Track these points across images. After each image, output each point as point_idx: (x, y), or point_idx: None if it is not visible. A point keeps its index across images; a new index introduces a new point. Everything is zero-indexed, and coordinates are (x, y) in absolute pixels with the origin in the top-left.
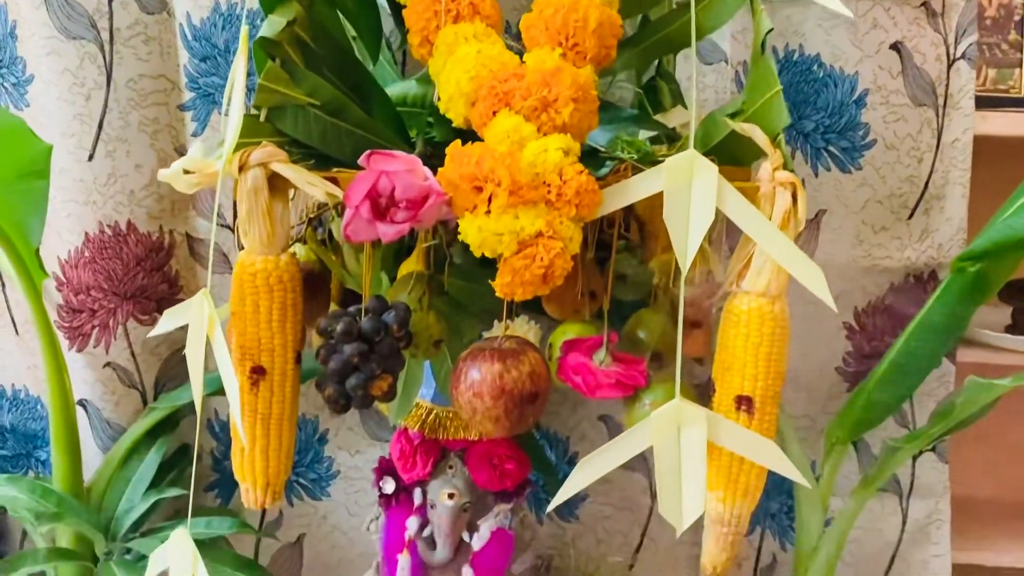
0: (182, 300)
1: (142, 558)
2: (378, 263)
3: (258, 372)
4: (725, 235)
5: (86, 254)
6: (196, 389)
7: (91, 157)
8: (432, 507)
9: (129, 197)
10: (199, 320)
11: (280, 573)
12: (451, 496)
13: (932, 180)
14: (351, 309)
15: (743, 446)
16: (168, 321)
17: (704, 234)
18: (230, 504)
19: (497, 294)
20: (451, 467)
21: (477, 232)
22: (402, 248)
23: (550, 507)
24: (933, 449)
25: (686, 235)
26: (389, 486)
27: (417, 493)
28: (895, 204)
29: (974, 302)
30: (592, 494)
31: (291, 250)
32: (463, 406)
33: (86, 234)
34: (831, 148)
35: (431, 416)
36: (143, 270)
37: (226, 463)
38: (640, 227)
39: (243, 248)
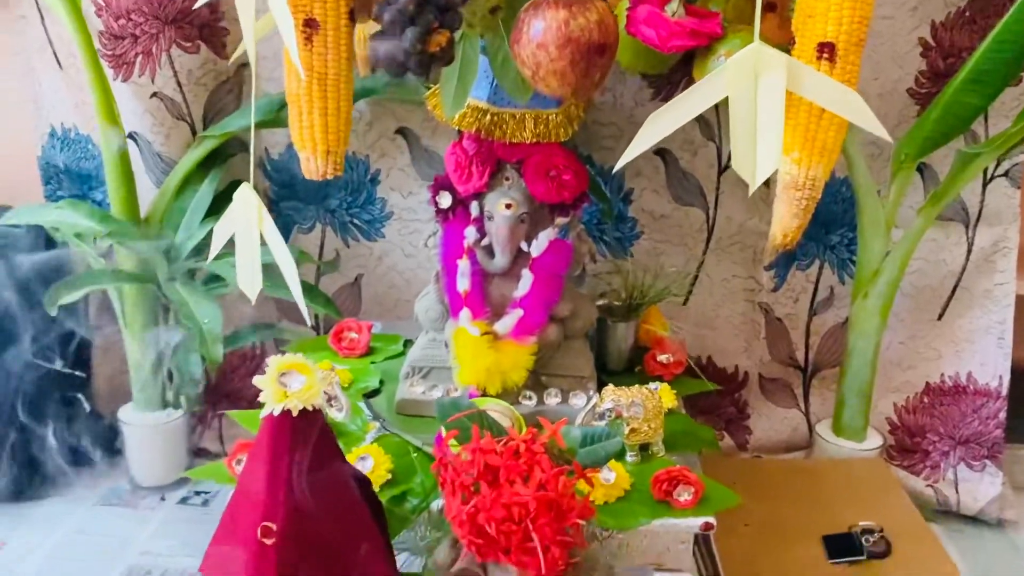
0: (224, 27)
1: (206, 281)
2: None
3: (311, 25)
4: None
5: None
6: (248, 35)
7: None
8: (490, 218)
9: None
10: None
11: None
12: (508, 206)
13: None
14: None
15: (824, 95)
16: None
17: None
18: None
19: None
20: (507, 179)
21: None
22: None
23: (617, 166)
24: (1006, 174)
25: None
26: (446, 200)
27: (474, 206)
28: None
29: None
30: (647, 231)
31: None
32: (526, 61)
33: None
34: None
35: (487, 116)
36: None
37: (281, 204)
38: None
39: None
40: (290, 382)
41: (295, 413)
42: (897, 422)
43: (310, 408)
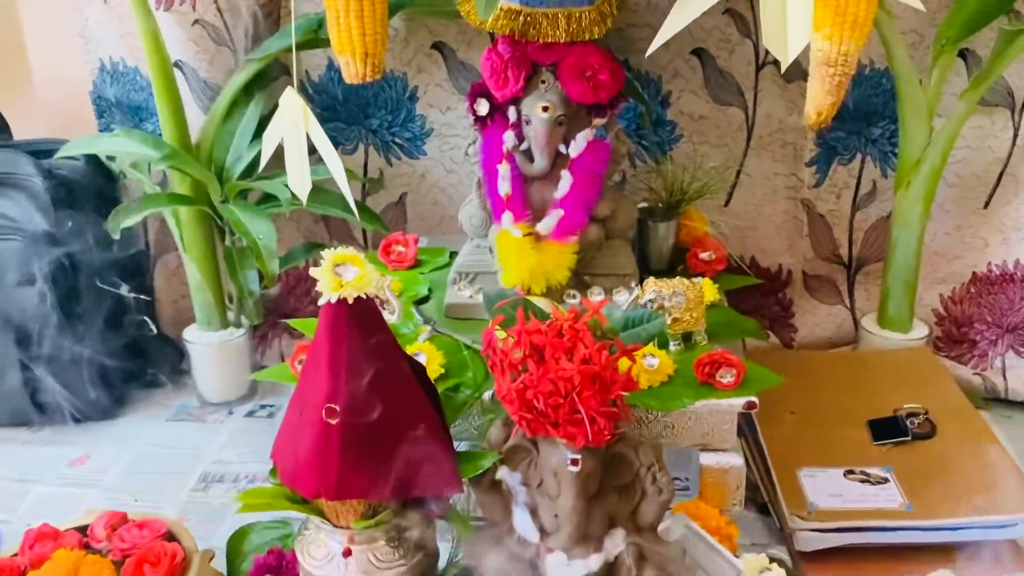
0: None
1: (258, 202)
2: None
3: None
4: None
5: None
6: None
7: None
8: (527, 122)
9: None
10: None
11: None
12: (545, 109)
13: None
14: None
15: None
16: None
17: None
18: None
19: None
20: (543, 82)
21: None
22: None
23: (649, 51)
24: None
25: None
26: (483, 107)
27: (511, 111)
28: None
29: None
30: (687, 133)
31: None
32: None
33: None
34: None
35: (520, 18)
36: None
37: (324, 126)
38: None
39: None
40: (344, 272)
41: (350, 301)
42: (944, 313)
43: (364, 296)
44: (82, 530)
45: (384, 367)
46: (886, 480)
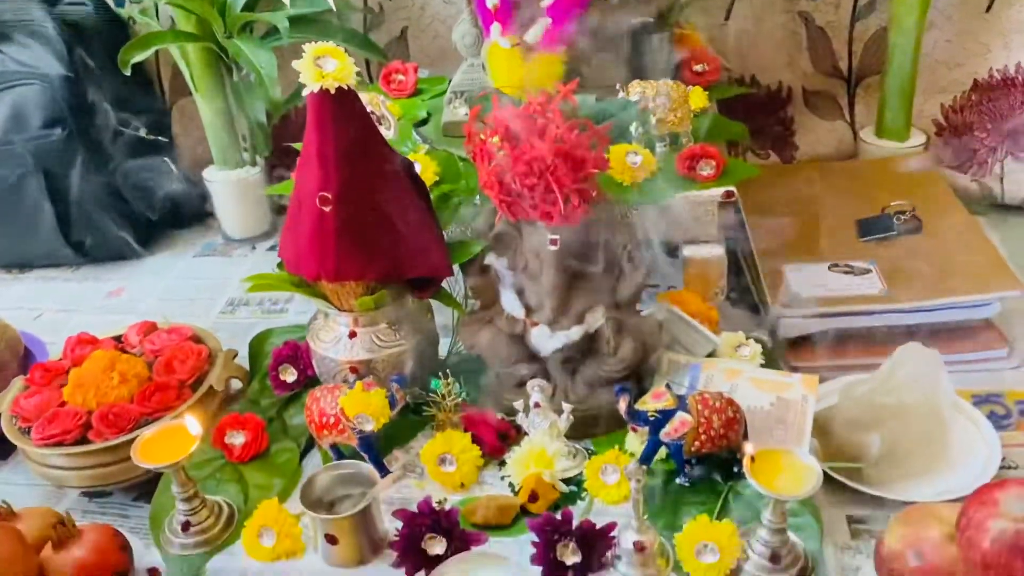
0: None
1: (262, 36)
2: None
3: None
4: None
5: None
6: None
7: None
8: None
9: None
10: None
11: None
12: None
13: None
14: None
15: None
16: None
17: None
18: None
19: None
20: None
21: None
22: None
23: None
24: None
25: None
26: None
27: None
28: None
29: None
30: None
31: None
32: None
33: None
34: None
35: None
36: None
37: None
38: None
39: None
40: (325, 64)
41: (332, 91)
42: (944, 122)
43: (345, 87)
44: (117, 339)
45: (372, 157)
46: (869, 271)
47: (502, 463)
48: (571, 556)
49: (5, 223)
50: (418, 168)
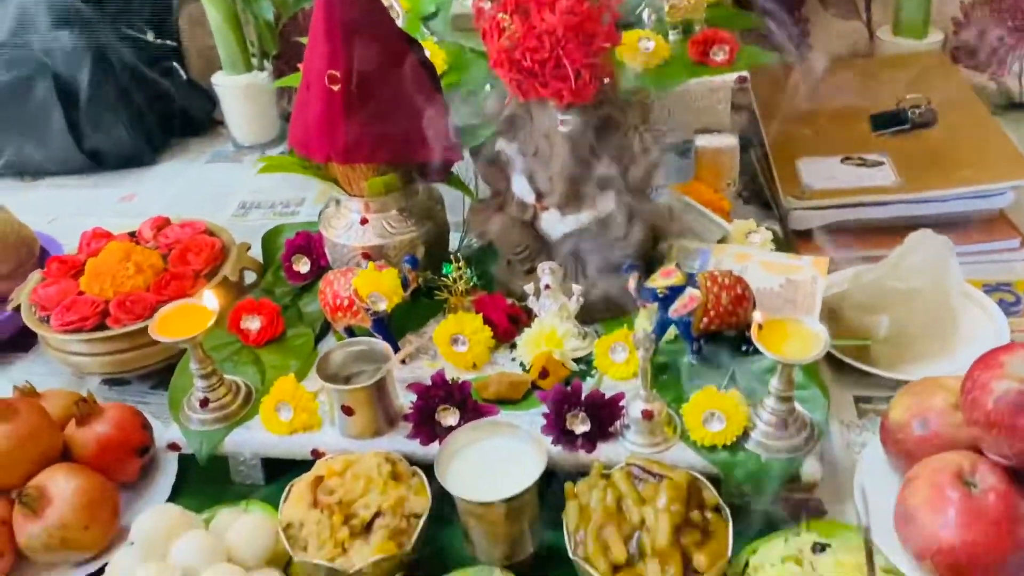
0: None
1: None
2: None
3: None
4: None
5: None
6: None
7: None
8: None
9: None
10: None
11: None
12: None
13: None
14: None
15: None
16: None
17: None
18: None
19: None
20: None
21: None
22: None
23: None
24: None
25: None
26: None
27: None
28: None
29: None
30: None
31: None
32: None
33: None
34: None
35: None
36: None
37: None
38: None
39: None
40: None
41: None
42: (963, 20)
43: None
44: (131, 234)
45: (381, 36)
46: (882, 163)
47: (513, 346)
48: (580, 425)
49: (16, 126)
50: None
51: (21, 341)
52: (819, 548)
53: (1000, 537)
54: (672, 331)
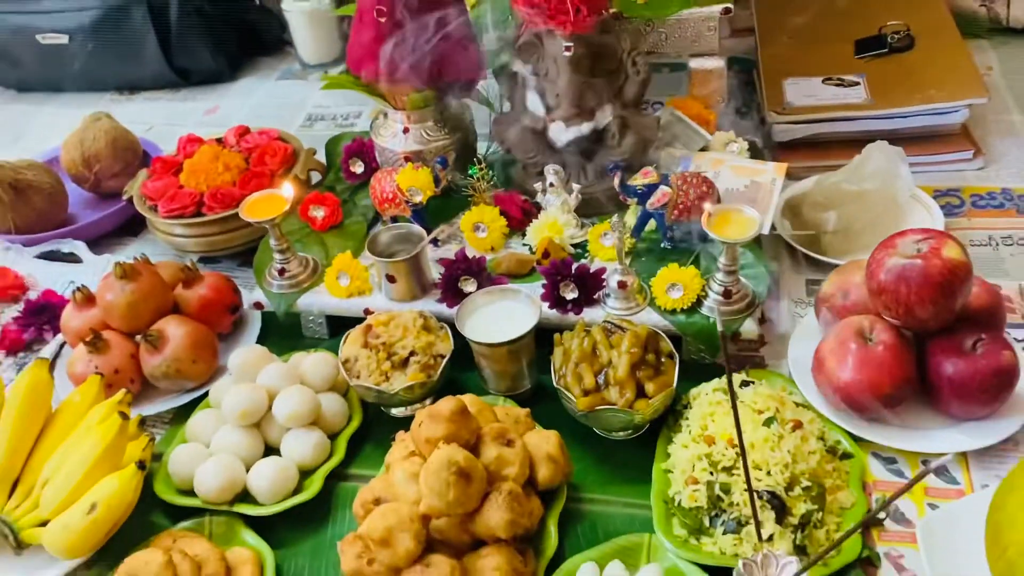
0: None
1: None
2: None
3: None
4: None
5: None
6: None
7: None
8: None
9: None
10: None
11: None
12: None
13: None
14: None
15: None
16: None
17: None
18: None
19: None
20: None
21: None
22: None
23: None
24: None
25: None
26: None
27: None
28: None
29: None
30: None
31: None
32: None
33: None
34: None
35: None
36: None
37: None
38: None
39: None
40: None
41: None
42: None
43: None
44: (218, 140)
45: None
46: (857, 84)
47: (523, 234)
48: (570, 293)
49: (117, 48)
50: None
51: (132, 227)
52: (745, 384)
53: (882, 375)
54: (653, 223)
